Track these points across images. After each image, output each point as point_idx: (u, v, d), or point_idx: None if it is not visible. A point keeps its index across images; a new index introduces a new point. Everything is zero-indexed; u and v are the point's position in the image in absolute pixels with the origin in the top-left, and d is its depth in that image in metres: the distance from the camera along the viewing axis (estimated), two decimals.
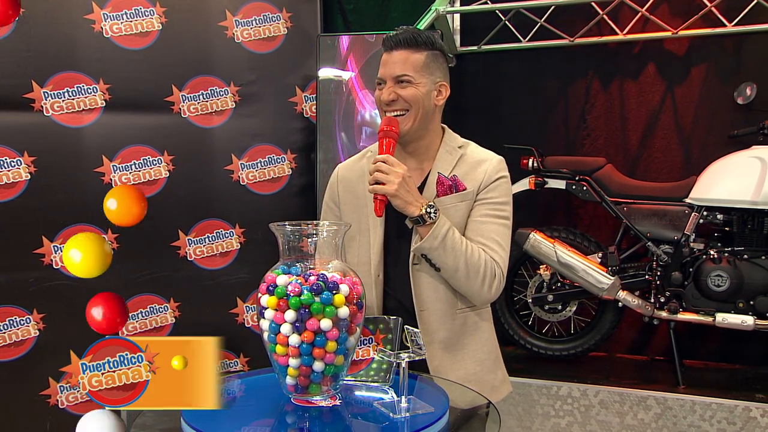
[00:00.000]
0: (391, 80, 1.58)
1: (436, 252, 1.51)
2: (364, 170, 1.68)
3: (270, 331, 1.20)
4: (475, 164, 1.63)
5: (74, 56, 2.82)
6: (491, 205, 1.60)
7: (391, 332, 1.39)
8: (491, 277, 1.55)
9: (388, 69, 1.59)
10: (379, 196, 1.50)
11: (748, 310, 2.68)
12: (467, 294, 1.58)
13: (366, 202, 1.64)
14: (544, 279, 3.01)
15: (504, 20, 3.27)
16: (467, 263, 1.52)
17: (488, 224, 1.59)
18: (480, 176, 1.61)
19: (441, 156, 1.64)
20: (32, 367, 2.76)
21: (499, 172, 1.63)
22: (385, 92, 1.58)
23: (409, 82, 1.57)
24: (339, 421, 1.20)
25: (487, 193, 1.61)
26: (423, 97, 1.58)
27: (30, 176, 2.75)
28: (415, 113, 1.58)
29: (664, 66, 3.18)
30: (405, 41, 1.58)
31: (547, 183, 3.00)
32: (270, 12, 3.15)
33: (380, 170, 1.49)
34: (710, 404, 2.56)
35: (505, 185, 1.63)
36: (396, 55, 1.58)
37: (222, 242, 3.07)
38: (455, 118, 3.46)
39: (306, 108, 3.22)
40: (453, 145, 1.66)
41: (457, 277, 1.53)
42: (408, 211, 1.50)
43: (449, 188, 1.60)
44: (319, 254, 1.27)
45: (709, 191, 2.75)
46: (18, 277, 2.75)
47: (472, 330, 1.63)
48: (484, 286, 1.54)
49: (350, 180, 1.71)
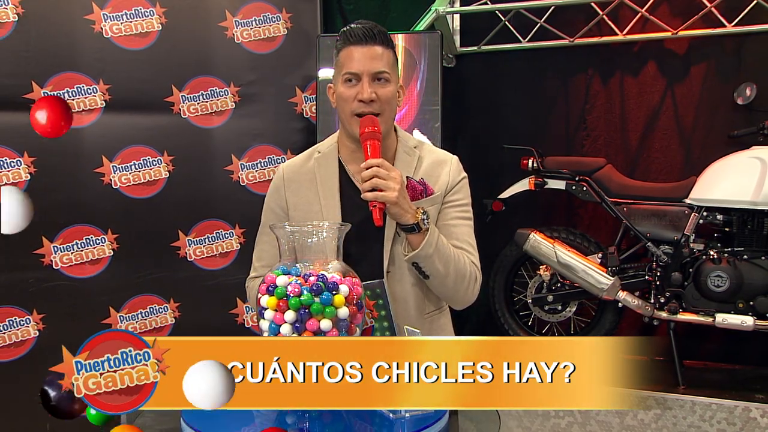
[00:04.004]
0: (368, 76, 1.45)
1: (430, 259, 1.45)
2: (314, 173, 1.58)
3: (270, 332, 1.20)
4: (435, 165, 1.57)
5: (74, 56, 2.82)
6: (459, 207, 1.57)
7: (379, 297, 1.37)
8: (474, 280, 1.53)
9: (365, 64, 1.45)
10: (379, 204, 1.40)
11: (747, 311, 2.68)
12: (451, 299, 1.55)
13: (319, 208, 1.55)
14: (544, 279, 3.00)
15: (504, 20, 3.27)
16: (456, 269, 1.48)
17: (460, 227, 1.55)
18: (444, 178, 1.56)
19: (400, 157, 1.56)
20: (32, 367, 2.75)
21: (461, 173, 1.59)
22: (366, 90, 1.45)
23: (387, 80, 1.47)
24: (338, 421, 1.20)
25: (453, 195, 1.57)
26: (395, 97, 1.51)
27: (30, 176, 2.75)
28: (388, 114, 1.50)
29: (664, 66, 3.18)
30: (379, 36, 1.47)
31: (547, 183, 3.00)
32: (270, 12, 3.15)
33: (378, 176, 1.39)
34: (710, 404, 2.55)
35: (467, 186, 1.60)
36: (371, 50, 1.45)
37: (222, 243, 3.07)
38: (455, 119, 3.49)
39: (306, 108, 3.22)
40: (409, 146, 1.59)
41: (445, 283, 1.49)
42: (404, 219, 1.43)
43: (420, 193, 1.53)
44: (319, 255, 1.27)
45: (709, 191, 2.75)
46: (18, 278, 2.75)
47: (437, 331, 1.61)
48: (468, 290, 1.52)
49: (299, 183, 1.59)
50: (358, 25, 1.48)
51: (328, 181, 1.57)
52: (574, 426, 2.72)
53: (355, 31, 1.47)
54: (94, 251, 2.86)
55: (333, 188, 1.56)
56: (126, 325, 2.92)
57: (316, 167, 1.59)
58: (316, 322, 1.16)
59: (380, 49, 1.47)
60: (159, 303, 2.98)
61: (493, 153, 3.26)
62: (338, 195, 1.56)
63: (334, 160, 1.59)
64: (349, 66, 1.47)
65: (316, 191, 1.56)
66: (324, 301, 1.16)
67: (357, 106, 1.47)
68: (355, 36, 1.47)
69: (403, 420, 1.17)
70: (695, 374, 2.92)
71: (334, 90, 1.54)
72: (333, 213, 1.55)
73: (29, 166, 2.75)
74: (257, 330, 1.27)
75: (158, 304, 2.98)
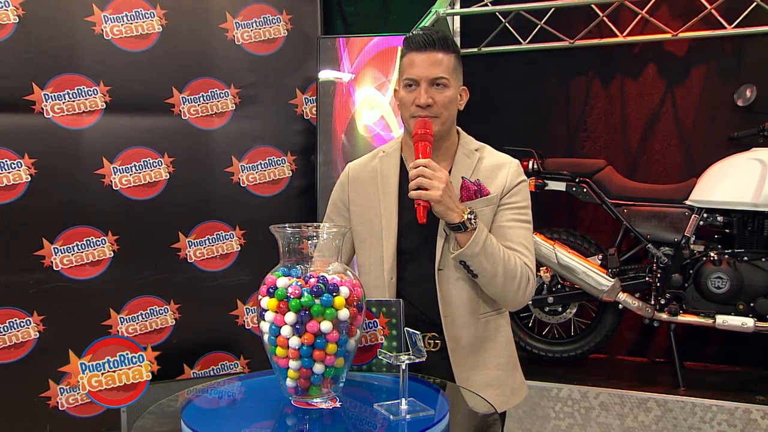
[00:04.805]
0: (426, 82, 1.52)
1: (477, 258, 1.48)
2: (376, 171, 1.65)
3: (270, 333, 1.20)
4: (495, 168, 1.61)
5: (75, 58, 2.83)
6: (516, 210, 1.59)
7: (394, 316, 1.39)
8: (526, 281, 1.54)
9: (423, 70, 1.52)
10: (423, 202, 1.44)
11: (748, 312, 2.68)
12: (502, 299, 1.56)
13: (378, 204, 1.61)
14: (545, 281, 3.00)
15: (504, 22, 3.27)
16: (505, 269, 1.50)
17: (515, 229, 1.57)
18: (501, 180, 1.59)
19: (459, 159, 1.61)
20: (32, 369, 2.76)
21: (520, 176, 1.62)
22: (422, 95, 1.51)
23: (445, 86, 1.53)
24: (339, 423, 1.20)
25: (510, 198, 1.59)
26: (454, 101, 1.56)
27: (30, 178, 2.75)
28: (445, 117, 1.55)
29: (664, 68, 3.18)
30: (439, 42, 1.53)
31: (547, 185, 3.00)
32: (270, 14, 3.15)
33: (423, 175, 1.44)
34: (710, 406, 2.55)
35: (526, 189, 1.62)
36: (431, 56, 1.52)
37: (222, 244, 3.07)
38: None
39: (306, 110, 3.22)
40: (470, 148, 1.64)
41: (494, 283, 1.51)
42: (449, 217, 1.46)
43: (474, 193, 1.57)
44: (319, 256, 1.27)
45: (709, 193, 2.75)
46: (18, 279, 2.75)
47: (494, 334, 1.61)
48: (519, 291, 1.53)
49: (362, 180, 1.67)
50: (419, 32, 1.55)
51: (388, 179, 1.64)
52: (574, 428, 2.72)
53: (416, 37, 1.54)
54: (95, 253, 2.86)
55: (392, 186, 1.62)
56: (126, 326, 2.92)
57: (379, 166, 1.66)
58: (316, 324, 1.16)
59: (440, 55, 1.53)
60: (159, 304, 2.98)
61: None
62: (397, 192, 1.62)
63: (397, 159, 1.66)
64: (409, 72, 1.54)
65: (376, 188, 1.62)
66: (324, 303, 1.16)
67: (415, 110, 1.54)
68: (415, 43, 1.54)
69: (403, 421, 1.17)
70: (696, 376, 2.92)
71: (398, 94, 1.61)
72: (391, 210, 1.61)
73: (30, 168, 2.75)
74: (257, 332, 1.27)
75: (158, 306, 2.98)
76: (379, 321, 1.38)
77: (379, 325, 1.39)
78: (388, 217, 1.60)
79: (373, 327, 1.39)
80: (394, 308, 1.40)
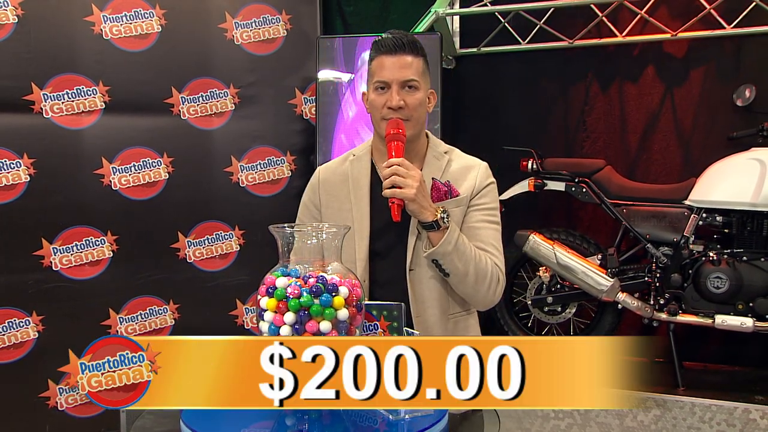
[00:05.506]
0: (397, 84, 1.54)
1: (449, 257, 1.50)
2: (347, 174, 1.67)
3: (269, 333, 1.20)
4: (464, 170, 1.64)
5: (74, 58, 2.82)
6: (485, 211, 1.62)
7: (396, 319, 1.40)
8: (496, 281, 1.56)
9: (394, 73, 1.54)
10: (397, 200, 1.47)
11: (747, 312, 2.68)
12: (473, 298, 1.58)
13: (350, 207, 1.63)
14: (544, 281, 3.00)
15: (503, 22, 3.27)
16: (476, 268, 1.52)
17: (485, 230, 1.60)
18: (471, 182, 1.62)
19: (429, 161, 1.64)
20: (31, 369, 2.75)
21: (489, 178, 1.65)
22: (394, 97, 1.54)
23: (415, 88, 1.55)
24: (338, 423, 1.20)
25: (480, 199, 1.62)
26: (424, 103, 1.59)
27: (29, 178, 2.75)
28: (415, 119, 1.57)
29: (663, 68, 3.18)
30: (409, 45, 1.55)
31: (547, 185, 3.00)
32: (269, 14, 3.15)
33: (397, 174, 1.46)
34: (710, 406, 2.55)
35: (494, 191, 1.66)
36: (401, 59, 1.54)
37: (221, 244, 3.07)
38: (455, 120, 3.49)
39: (305, 110, 3.22)
40: (439, 151, 1.66)
41: (466, 282, 1.53)
42: (423, 216, 1.49)
43: (445, 194, 1.59)
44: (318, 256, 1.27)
45: (709, 193, 2.75)
46: (17, 279, 2.74)
47: (461, 333, 1.64)
48: (490, 290, 1.56)
49: (333, 183, 1.69)
50: (389, 35, 1.56)
51: (359, 181, 1.65)
52: (573, 427, 2.72)
53: (386, 41, 1.56)
54: (94, 253, 2.86)
55: (364, 188, 1.64)
56: (126, 326, 2.92)
57: (349, 169, 1.67)
58: (315, 324, 1.16)
59: (410, 58, 1.55)
60: (159, 304, 2.98)
61: (492, 154, 3.25)
62: (368, 195, 1.64)
63: (367, 162, 1.67)
64: (380, 75, 1.56)
65: (347, 191, 1.64)
66: (323, 303, 1.16)
67: (386, 112, 1.56)
68: (386, 46, 1.56)
69: (403, 422, 1.17)
70: (695, 375, 2.92)
71: (367, 97, 1.63)
72: (363, 212, 1.62)
73: (29, 168, 2.75)
74: (257, 331, 1.27)
75: (158, 306, 2.98)
76: (379, 324, 1.38)
77: (380, 328, 1.39)
78: (360, 219, 1.61)
79: (374, 330, 1.39)
80: (395, 311, 1.40)
